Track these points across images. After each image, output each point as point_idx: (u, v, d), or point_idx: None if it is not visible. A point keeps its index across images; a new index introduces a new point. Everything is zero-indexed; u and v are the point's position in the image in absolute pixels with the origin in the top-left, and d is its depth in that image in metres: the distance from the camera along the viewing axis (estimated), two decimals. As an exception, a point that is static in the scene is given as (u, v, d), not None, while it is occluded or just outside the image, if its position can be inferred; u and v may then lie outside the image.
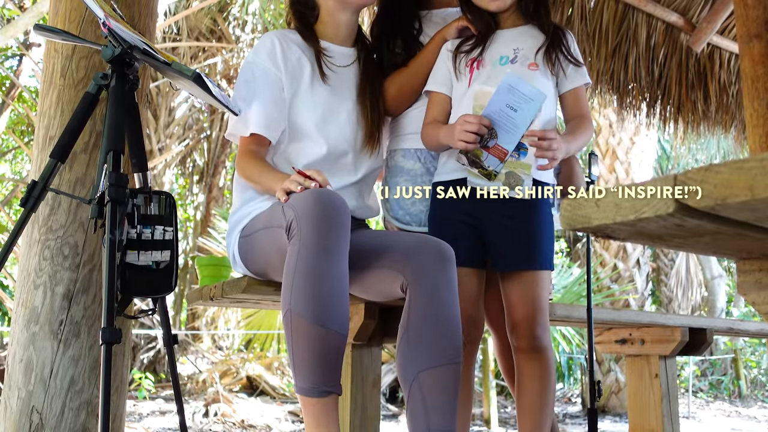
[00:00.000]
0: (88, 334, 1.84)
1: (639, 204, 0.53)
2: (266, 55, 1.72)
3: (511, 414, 6.79)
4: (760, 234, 0.57)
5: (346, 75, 1.81)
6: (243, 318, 6.95)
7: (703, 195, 0.50)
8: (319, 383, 1.35)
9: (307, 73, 1.74)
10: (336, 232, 1.37)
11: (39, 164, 1.94)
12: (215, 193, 8.76)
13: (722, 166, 0.49)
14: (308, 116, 1.73)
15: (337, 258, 1.37)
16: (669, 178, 0.52)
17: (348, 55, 1.83)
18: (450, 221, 1.78)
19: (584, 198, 0.57)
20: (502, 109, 1.61)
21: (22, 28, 4.61)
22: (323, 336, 1.33)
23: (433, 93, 1.84)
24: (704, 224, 0.54)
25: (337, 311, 1.36)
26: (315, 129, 1.73)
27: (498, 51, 1.79)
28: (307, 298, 1.33)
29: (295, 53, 1.75)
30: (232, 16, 8.23)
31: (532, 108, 1.58)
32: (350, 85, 1.81)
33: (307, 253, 1.35)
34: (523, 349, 1.74)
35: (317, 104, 1.74)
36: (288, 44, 1.74)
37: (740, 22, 2.97)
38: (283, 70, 1.72)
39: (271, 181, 1.58)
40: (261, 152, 1.70)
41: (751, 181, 0.47)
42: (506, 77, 1.61)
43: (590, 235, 0.60)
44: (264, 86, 1.70)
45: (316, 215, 1.37)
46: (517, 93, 1.59)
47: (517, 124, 1.60)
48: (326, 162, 1.74)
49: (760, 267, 0.66)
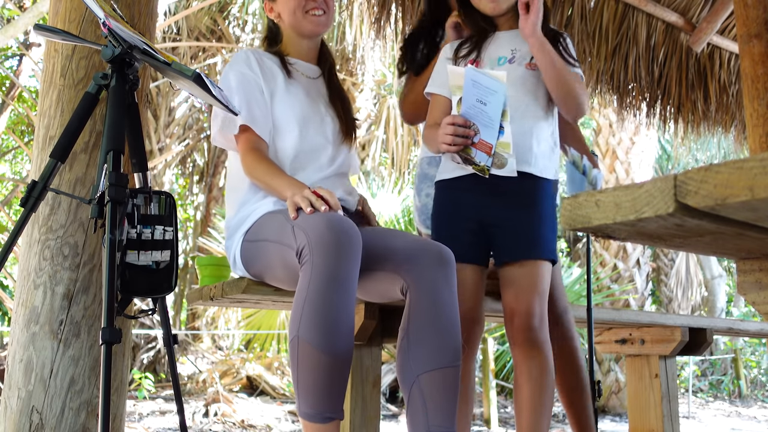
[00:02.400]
0: (88, 334, 1.84)
1: (639, 204, 0.53)
2: (243, 63, 1.81)
3: (511, 414, 6.79)
4: (760, 234, 0.57)
5: (316, 85, 1.91)
6: (243, 318, 6.96)
7: (703, 195, 0.50)
8: (322, 409, 1.37)
9: (281, 78, 1.83)
10: (348, 261, 1.39)
11: (39, 164, 1.94)
12: (215, 193, 8.75)
13: (722, 166, 0.49)
14: (289, 112, 1.80)
15: (348, 287, 1.39)
16: (669, 178, 0.52)
17: (314, 70, 1.94)
18: (453, 218, 1.79)
19: (584, 198, 0.57)
20: (474, 104, 1.64)
21: (22, 28, 4.61)
22: (329, 363, 1.35)
23: (434, 95, 1.86)
24: (704, 224, 0.54)
25: (344, 339, 1.38)
26: (296, 124, 1.79)
27: (496, 52, 1.82)
28: (317, 327, 1.35)
29: (267, 63, 1.85)
30: (232, 16, 8.23)
31: (498, 99, 1.60)
32: (321, 93, 1.91)
33: (319, 283, 1.37)
34: (518, 343, 1.71)
35: (294, 103, 1.81)
36: (260, 56, 1.85)
37: (740, 22, 2.97)
38: (260, 75, 1.80)
39: (281, 186, 1.61)
40: (266, 153, 1.74)
41: (751, 181, 0.47)
42: (466, 72, 1.63)
43: (590, 235, 0.60)
44: (245, 88, 1.77)
45: (329, 244, 1.38)
46: (481, 87, 1.61)
47: (491, 117, 1.63)
48: (309, 154, 1.80)
49: (760, 267, 0.66)
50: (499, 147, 1.66)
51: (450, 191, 1.83)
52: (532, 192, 1.77)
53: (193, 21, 7.73)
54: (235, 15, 8.18)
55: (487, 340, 6.08)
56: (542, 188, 1.78)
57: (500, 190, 1.75)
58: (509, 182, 1.71)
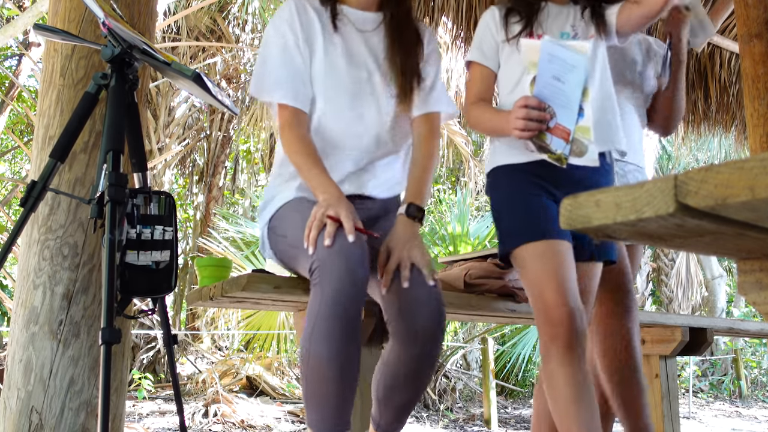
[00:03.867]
0: (88, 334, 1.84)
1: (639, 204, 0.53)
2: (285, 23, 1.68)
3: (511, 414, 6.79)
4: (760, 234, 0.57)
5: (370, 40, 1.71)
6: (243, 318, 6.95)
7: (703, 195, 0.49)
8: (331, 424, 1.40)
9: (320, 38, 1.67)
10: (355, 288, 1.40)
11: (38, 164, 1.94)
12: (215, 193, 8.75)
13: (723, 166, 0.49)
14: (326, 84, 1.66)
15: (354, 308, 1.40)
16: (669, 178, 0.51)
17: (371, 19, 1.73)
18: (529, 196, 1.59)
19: (584, 198, 0.57)
20: (549, 82, 1.44)
21: (21, 27, 4.61)
22: (338, 378, 1.38)
23: (476, 65, 1.69)
24: (704, 224, 0.53)
25: (353, 354, 1.41)
26: (332, 99, 1.66)
27: (556, 26, 1.66)
28: (327, 342, 1.37)
29: (310, 16, 1.68)
30: (232, 15, 8.23)
31: (577, 76, 1.39)
32: (376, 50, 1.71)
33: (327, 307, 1.39)
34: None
35: (330, 72, 1.66)
36: (304, 7, 1.70)
37: (741, 22, 2.97)
38: (300, 34, 1.66)
39: (313, 184, 1.54)
40: (306, 129, 1.63)
41: (752, 181, 0.47)
42: (542, 44, 1.42)
43: (590, 235, 0.59)
44: (283, 59, 1.65)
45: (338, 274, 1.39)
46: (558, 60, 1.41)
47: (570, 97, 1.42)
48: (347, 135, 1.67)
49: (760, 267, 0.66)
50: (578, 132, 1.45)
51: (520, 173, 1.63)
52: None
53: (192, 21, 7.73)
54: (235, 15, 8.18)
55: (487, 340, 6.08)
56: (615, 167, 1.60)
57: (574, 179, 1.59)
58: (588, 172, 1.58)
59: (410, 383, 1.55)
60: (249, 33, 8.32)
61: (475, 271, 2.09)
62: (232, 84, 8.42)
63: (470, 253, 2.24)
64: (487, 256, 2.15)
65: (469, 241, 6.20)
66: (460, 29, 3.61)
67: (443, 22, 3.64)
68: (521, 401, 7.84)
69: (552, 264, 1.50)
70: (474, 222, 7.01)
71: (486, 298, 2.04)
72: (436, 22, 3.56)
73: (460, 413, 6.52)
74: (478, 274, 2.08)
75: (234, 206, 10.04)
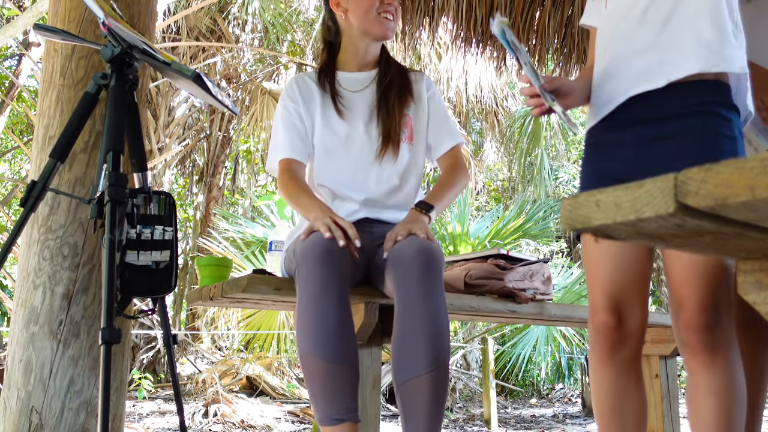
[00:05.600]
0: (88, 334, 1.84)
1: (639, 204, 0.53)
2: (286, 96, 1.90)
3: (511, 414, 6.79)
4: (760, 234, 0.57)
5: (363, 97, 1.90)
6: (243, 318, 6.95)
7: (703, 195, 0.49)
8: (332, 412, 1.45)
9: (319, 103, 1.87)
10: (329, 273, 1.47)
11: (38, 164, 1.94)
12: (215, 193, 8.75)
13: (723, 166, 0.49)
14: (325, 141, 1.85)
15: (332, 297, 1.46)
16: (669, 178, 0.51)
17: (363, 79, 1.92)
18: (600, 175, 1.50)
19: (584, 198, 0.57)
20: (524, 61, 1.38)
21: (21, 27, 4.61)
22: (331, 370, 1.44)
23: (588, 28, 1.65)
24: (704, 224, 0.54)
25: (342, 345, 1.45)
26: (332, 152, 1.84)
27: None
28: (310, 338, 1.45)
29: (310, 87, 1.90)
30: (232, 15, 8.22)
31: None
32: (367, 105, 1.88)
33: (305, 297, 1.47)
34: (690, 345, 1.35)
35: (327, 131, 1.85)
36: (304, 82, 1.91)
37: None
38: (301, 103, 1.87)
39: (305, 207, 1.69)
40: (299, 173, 1.82)
41: (752, 181, 0.47)
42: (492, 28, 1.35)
43: (591, 235, 0.60)
44: (285, 122, 1.86)
45: (310, 260, 1.48)
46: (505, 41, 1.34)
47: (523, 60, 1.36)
48: (350, 179, 1.83)
49: (760, 267, 0.66)
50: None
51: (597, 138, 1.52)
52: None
53: (192, 21, 7.73)
54: (235, 15, 8.18)
55: (487, 340, 6.08)
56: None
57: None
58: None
59: (417, 323, 1.47)
60: (249, 33, 8.32)
61: (476, 272, 2.09)
62: (232, 84, 8.42)
63: (470, 254, 2.23)
64: (488, 256, 2.15)
65: (469, 241, 6.20)
66: (460, 29, 3.61)
67: (443, 22, 3.64)
68: (521, 401, 7.84)
69: (605, 255, 1.43)
70: (474, 222, 7.01)
71: (486, 299, 2.04)
72: (436, 22, 3.56)
73: (460, 413, 6.53)
74: (478, 275, 2.08)
75: (234, 206, 10.04)
